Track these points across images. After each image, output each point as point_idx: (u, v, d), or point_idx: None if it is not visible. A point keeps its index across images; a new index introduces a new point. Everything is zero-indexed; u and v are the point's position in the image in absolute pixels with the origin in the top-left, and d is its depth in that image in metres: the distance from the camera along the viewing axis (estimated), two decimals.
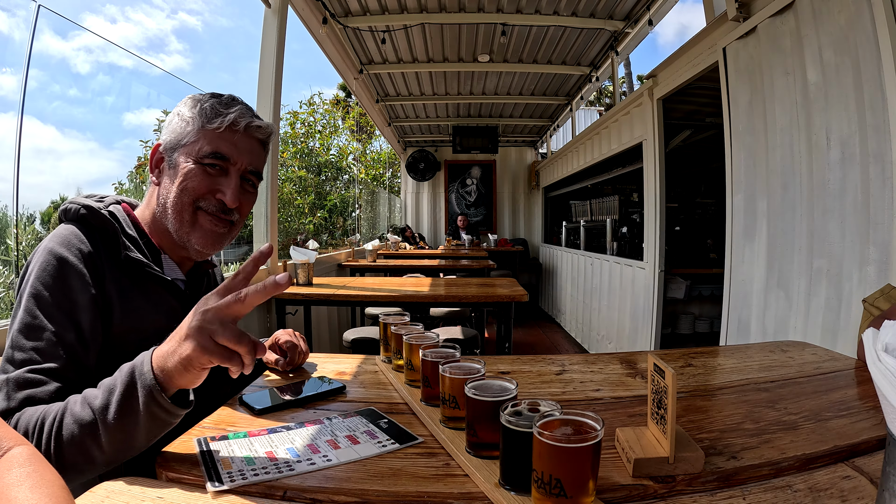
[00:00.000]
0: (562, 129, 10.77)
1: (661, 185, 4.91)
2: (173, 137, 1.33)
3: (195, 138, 1.30)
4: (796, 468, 0.92)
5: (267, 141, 1.43)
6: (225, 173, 1.33)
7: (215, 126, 1.30)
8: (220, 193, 1.32)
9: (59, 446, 0.95)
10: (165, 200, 1.32)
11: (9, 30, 2.95)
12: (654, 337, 5.00)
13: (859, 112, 2.43)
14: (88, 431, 0.94)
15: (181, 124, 1.32)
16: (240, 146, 1.34)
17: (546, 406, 0.87)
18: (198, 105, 1.32)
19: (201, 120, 1.31)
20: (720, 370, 1.57)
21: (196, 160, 1.29)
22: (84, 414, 0.96)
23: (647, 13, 5.25)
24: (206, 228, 1.34)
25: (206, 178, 1.31)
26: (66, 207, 1.29)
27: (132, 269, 1.28)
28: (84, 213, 1.27)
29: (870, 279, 2.38)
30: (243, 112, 1.34)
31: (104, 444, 0.94)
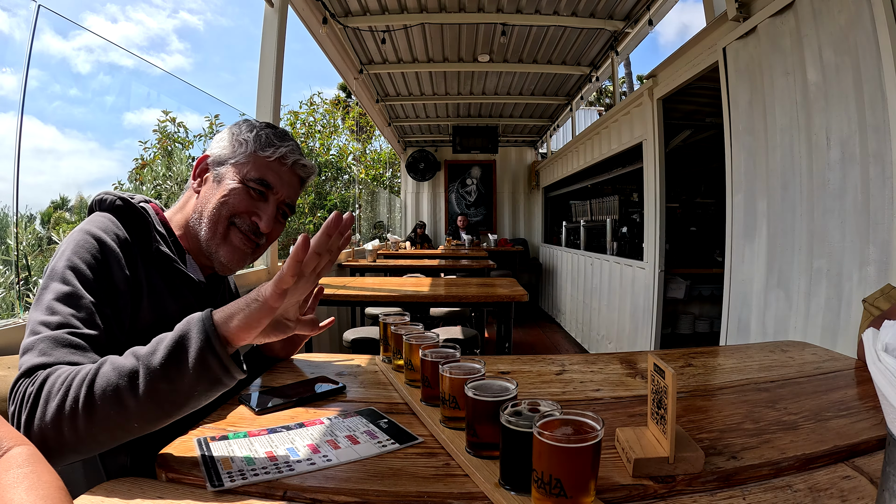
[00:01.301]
0: (562, 129, 10.77)
1: (661, 185, 4.91)
2: (224, 153, 1.41)
3: (245, 160, 1.39)
4: (796, 468, 0.92)
5: (307, 180, 1.52)
6: (264, 199, 1.41)
7: (267, 154, 1.40)
8: (256, 217, 1.40)
9: (90, 394, 0.90)
10: (203, 209, 1.39)
11: (9, 29, 2.95)
12: (654, 337, 5.00)
13: (859, 112, 2.43)
14: (127, 379, 0.90)
15: (235, 143, 1.41)
16: (284, 179, 1.43)
17: (546, 406, 0.87)
18: (254, 131, 1.42)
19: (255, 145, 1.40)
20: (720, 370, 1.57)
21: (242, 180, 1.38)
22: (126, 362, 0.93)
23: (647, 13, 5.25)
24: (235, 245, 1.41)
25: (246, 199, 1.38)
26: (102, 198, 1.32)
27: (161, 263, 1.31)
28: (119, 205, 1.31)
29: (870, 279, 2.38)
30: (293, 149, 1.44)
31: (142, 394, 0.90)
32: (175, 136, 6.92)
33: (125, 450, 1.14)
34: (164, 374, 0.91)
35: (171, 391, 0.92)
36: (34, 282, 2.89)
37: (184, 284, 1.36)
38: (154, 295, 1.27)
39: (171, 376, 0.91)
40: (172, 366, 0.91)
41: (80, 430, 0.90)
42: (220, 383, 0.95)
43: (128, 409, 0.90)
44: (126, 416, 0.91)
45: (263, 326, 0.97)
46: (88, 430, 0.90)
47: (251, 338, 0.97)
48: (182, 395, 0.93)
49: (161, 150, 6.32)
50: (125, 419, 0.91)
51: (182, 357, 0.91)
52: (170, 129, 6.93)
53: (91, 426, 0.90)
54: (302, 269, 0.96)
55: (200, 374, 0.92)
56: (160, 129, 6.87)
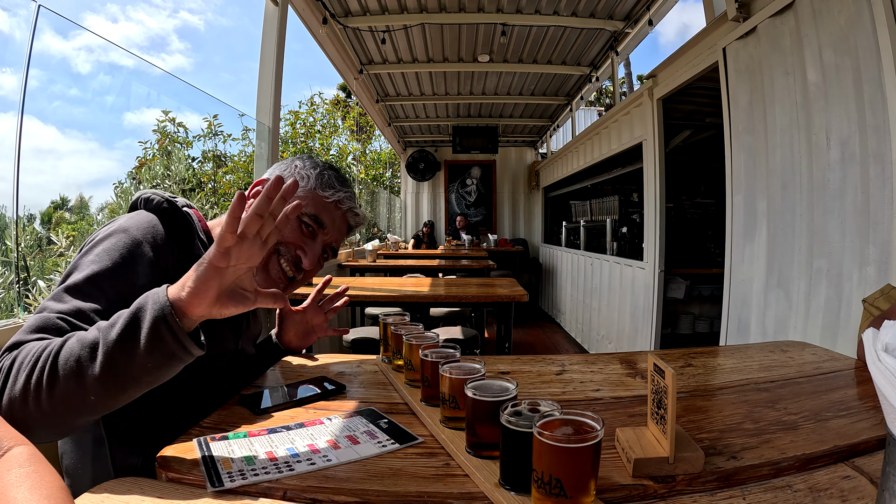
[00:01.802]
0: (562, 129, 10.77)
1: (661, 185, 4.92)
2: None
3: (304, 195, 1.42)
4: (796, 468, 0.92)
5: (354, 228, 1.57)
6: (313, 237, 1.45)
7: (326, 195, 1.44)
8: (302, 251, 1.43)
9: (54, 365, 0.90)
10: None
11: (9, 29, 2.95)
12: (654, 337, 5.00)
13: (859, 112, 2.44)
14: (88, 350, 0.91)
15: (297, 177, 1.41)
16: (336, 222, 1.48)
17: (546, 406, 0.87)
18: (318, 169, 1.47)
19: (316, 183, 1.44)
20: (720, 370, 1.57)
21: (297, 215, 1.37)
22: (89, 334, 0.93)
23: (647, 13, 5.25)
24: (271, 275, 1.42)
25: (296, 232, 1.42)
26: (149, 197, 1.33)
27: None
28: (166, 207, 1.32)
29: (870, 279, 2.38)
30: (350, 196, 1.50)
31: (99, 366, 0.90)
32: (175, 136, 6.91)
33: (139, 449, 1.16)
34: (120, 347, 0.90)
35: (128, 363, 0.91)
36: (33, 282, 2.90)
37: None
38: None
39: (126, 348, 0.91)
40: (128, 338, 0.91)
41: (42, 402, 0.90)
42: (174, 357, 0.94)
43: (86, 381, 0.90)
44: (84, 389, 0.90)
45: (214, 291, 0.95)
46: (50, 402, 0.90)
47: (206, 306, 0.95)
48: (137, 368, 0.92)
49: (161, 150, 6.32)
50: (84, 392, 0.91)
51: (136, 329, 0.91)
52: (169, 129, 6.93)
53: (52, 398, 0.90)
54: (244, 231, 0.93)
55: (154, 345, 0.91)
56: (160, 129, 6.87)
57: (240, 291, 1.00)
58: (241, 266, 0.97)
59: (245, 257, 0.96)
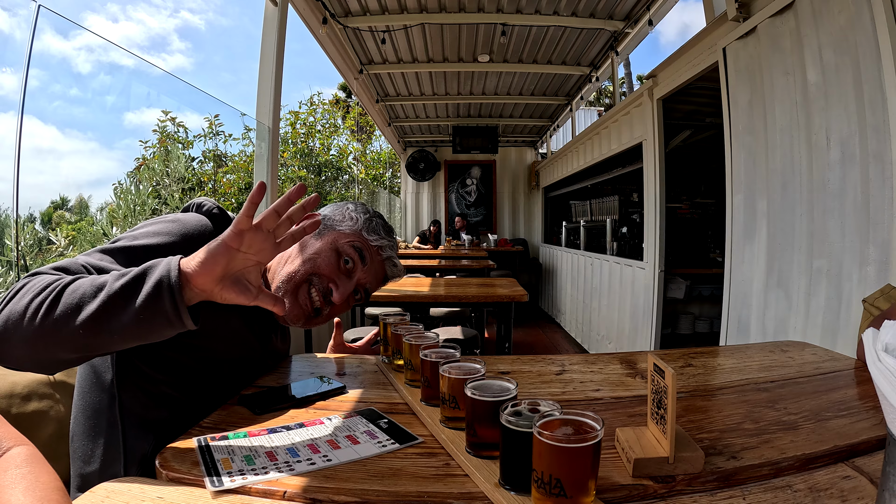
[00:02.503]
0: (562, 129, 10.77)
1: (661, 185, 4.92)
2: (335, 219, 1.52)
3: (349, 232, 1.49)
4: (796, 468, 0.92)
5: (390, 279, 1.61)
6: (349, 275, 1.46)
7: (371, 239, 1.51)
8: (334, 284, 1.43)
9: (60, 293, 0.96)
10: (290, 256, 1.45)
11: (10, 29, 2.95)
12: (654, 337, 5.00)
13: (859, 112, 2.44)
14: (93, 290, 0.96)
15: (346, 216, 1.52)
16: (374, 266, 1.52)
17: (546, 406, 0.87)
18: (367, 214, 1.55)
19: (364, 226, 1.51)
20: (720, 370, 1.57)
21: (338, 248, 1.45)
22: (100, 278, 0.99)
23: (647, 13, 5.25)
24: (300, 303, 1.41)
25: (332, 265, 1.43)
26: (201, 202, 1.42)
27: None
28: (216, 213, 1.40)
29: (870, 279, 2.38)
30: (392, 246, 1.56)
31: (98, 303, 0.94)
32: (175, 136, 6.91)
33: (151, 436, 1.19)
34: (121, 293, 0.95)
35: (123, 309, 0.95)
36: None
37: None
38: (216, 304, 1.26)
39: (126, 296, 0.95)
40: (130, 287, 0.96)
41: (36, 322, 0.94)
42: (166, 318, 0.97)
43: (81, 314, 0.94)
44: (77, 322, 0.94)
45: (221, 268, 0.99)
46: (42, 325, 0.94)
47: (210, 280, 0.99)
48: (129, 316, 0.95)
49: (161, 150, 6.32)
50: (76, 324, 0.94)
51: (141, 282, 0.97)
52: (169, 128, 6.93)
53: (45, 320, 0.94)
54: (261, 223, 1.00)
55: (152, 299, 0.95)
56: (160, 129, 6.87)
57: (243, 281, 1.04)
58: (250, 256, 1.01)
59: (256, 248, 1.01)
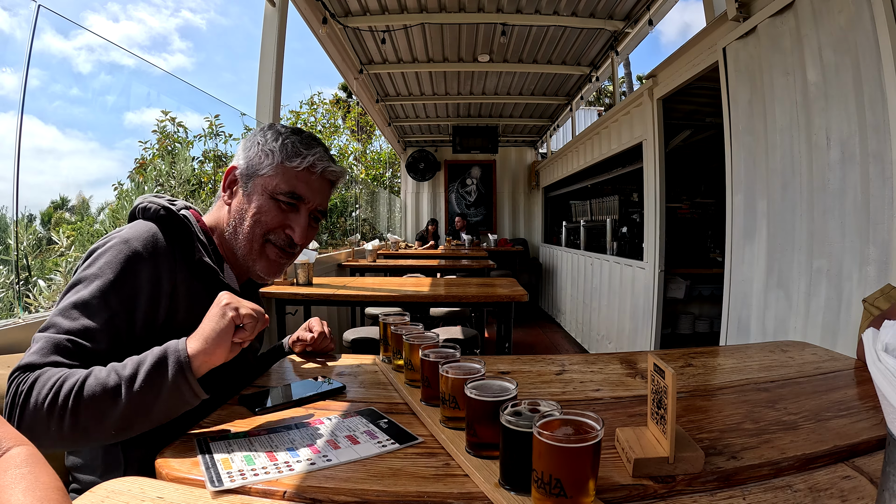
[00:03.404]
0: (562, 129, 10.77)
1: (661, 185, 4.91)
2: (251, 164, 1.40)
3: (273, 173, 1.37)
4: (796, 468, 0.92)
5: (337, 182, 1.51)
6: (296, 210, 1.41)
7: (294, 165, 1.37)
8: (290, 230, 1.41)
9: (77, 403, 0.98)
10: (237, 226, 1.41)
11: (10, 29, 2.95)
12: (654, 337, 5.00)
13: (859, 112, 2.43)
14: (111, 395, 0.99)
15: (261, 155, 1.39)
16: (314, 187, 1.42)
17: (546, 406, 0.87)
18: (279, 139, 1.39)
19: (282, 156, 1.37)
20: (720, 370, 1.57)
21: (272, 195, 1.37)
22: (109, 379, 1.01)
23: (647, 13, 5.25)
24: (272, 259, 1.43)
25: (279, 214, 1.39)
26: (146, 206, 1.33)
27: (201, 272, 1.33)
28: (163, 214, 1.32)
29: (870, 279, 2.38)
30: (322, 156, 1.42)
31: (122, 409, 0.99)
32: (175, 136, 6.91)
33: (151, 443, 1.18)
34: (141, 398, 1.01)
35: (148, 409, 1.03)
36: (34, 282, 2.89)
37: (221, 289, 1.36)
38: (191, 303, 1.28)
39: (147, 398, 1.02)
40: (150, 388, 1.02)
41: (65, 430, 0.99)
42: (187, 404, 1.07)
43: (108, 422, 1.00)
44: (105, 427, 1.01)
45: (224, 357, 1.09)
46: (72, 432, 1.00)
47: (219, 361, 1.09)
48: (155, 413, 1.04)
49: (161, 150, 6.31)
50: (104, 429, 1.01)
51: (159, 380, 1.03)
52: (169, 128, 6.92)
53: (74, 431, 0.99)
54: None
55: (173, 395, 1.04)
56: (160, 129, 6.86)
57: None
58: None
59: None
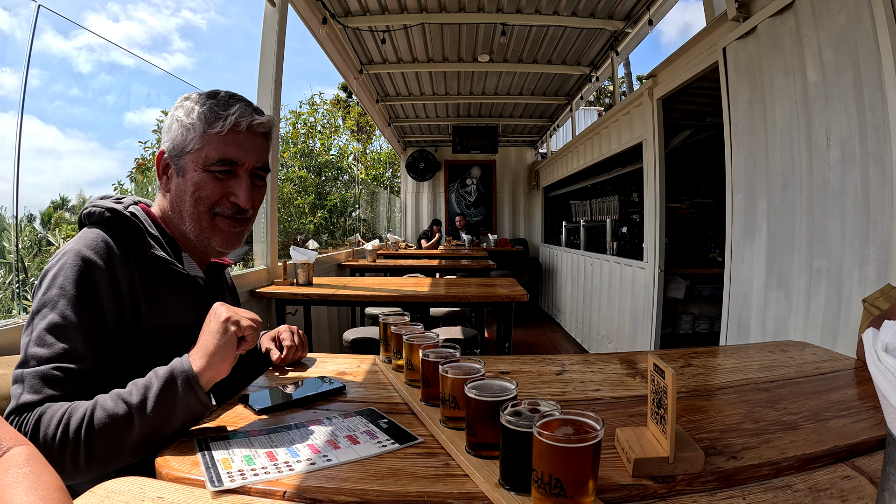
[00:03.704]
0: (562, 129, 10.76)
1: (661, 185, 4.91)
2: (176, 144, 1.32)
3: (199, 145, 1.30)
4: (796, 468, 0.92)
5: (270, 133, 1.43)
6: (235, 175, 1.34)
7: (217, 130, 1.29)
8: (234, 196, 1.35)
9: (90, 437, 0.98)
10: (181, 209, 1.35)
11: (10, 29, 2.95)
12: (654, 337, 5.00)
13: (859, 112, 2.43)
14: (123, 423, 1.00)
15: (182, 130, 1.31)
16: (245, 146, 1.34)
17: (546, 406, 0.87)
18: (195, 109, 1.31)
19: (202, 125, 1.29)
20: (720, 370, 1.57)
21: (204, 168, 1.31)
22: (118, 409, 1.01)
23: (647, 13, 5.24)
24: (225, 231, 1.38)
25: (217, 185, 1.33)
26: (90, 211, 1.29)
27: (158, 267, 1.30)
28: (108, 216, 1.27)
29: (870, 279, 2.38)
30: (243, 111, 1.32)
31: (137, 436, 1.00)
32: None
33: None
34: (155, 420, 1.02)
35: (163, 429, 1.04)
36: (31, 283, 2.89)
37: (183, 283, 1.37)
38: (153, 301, 1.26)
39: (162, 420, 1.03)
40: (163, 411, 1.03)
41: (80, 464, 1.00)
42: (201, 417, 1.11)
43: (124, 448, 1.01)
44: (122, 454, 1.02)
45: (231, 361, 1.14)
46: (88, 467, 1.00)
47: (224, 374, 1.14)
48: (174, 430, 1.06)
49: None
50: (121, 456, 1.02)
51: (171, 402, 1.04)
52: None
53: (91, 462, 1.00)
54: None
55: (186, 414, 1.06)
56: (159, 129, 6.86)
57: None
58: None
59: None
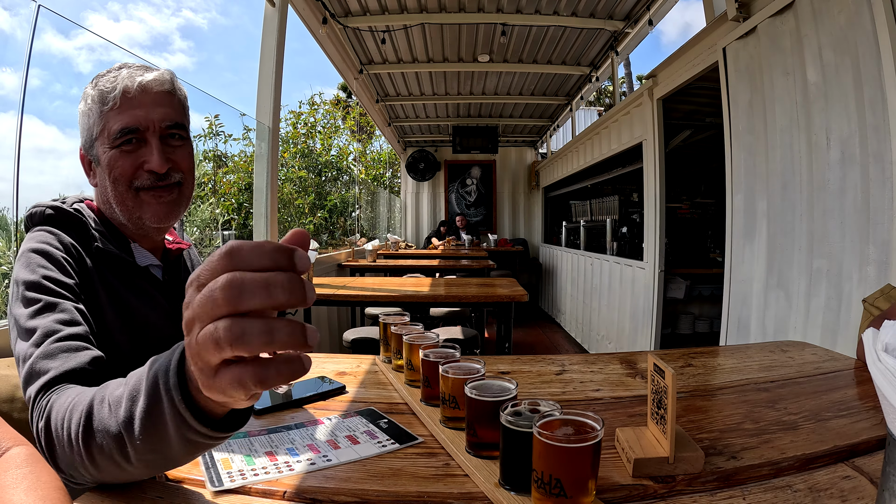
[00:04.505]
0: (562, 129, 10.77)
1: (661, 185, 4.91)
2: (85, 136, 1.27)
3: (101, 126, 1.22)
4: (796, 468, 0.92)
5: (173, 89, 1.30)
6: (143, 143, 1.23)
7: (111, 104, 1.20)
8: (145, 163, 1.23)
9: (90, 454, 0.78)
10: (107, 197, 1.27)
11: (10, 29, 2.96)
12: (654, 337, 5.00)
13: (859, 112, 2.43)
14: (116, 446, 0.75)
15: (84, 119, 1.25)
16: (143, 108, 1.22)
17: (546, 406, 0.87)
18: (89, 93, 1.24)
19: (98, 107, 1.22)
20: (720, 370, 1.57)
21: (111, 146, 1.22)
22: (110, 423, 0.75)
23: (647, 13, 5.25)
24: (152, 203, 1.26)
25: (127, 158, 1.22)
26: (31, 213, 1.24)
27: (108, 260, 1.24)
28: (51, 213, 1.23)
29: (869, 279, 2.38)
30: (129, 74, 1.23)
31: (134, 462, 0.75)
32: None
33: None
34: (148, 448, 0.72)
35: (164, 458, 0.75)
36: None
37: (137, 276, 1.29)
38: (112, 294, 1.21)
39: (157, 449, 0.72)
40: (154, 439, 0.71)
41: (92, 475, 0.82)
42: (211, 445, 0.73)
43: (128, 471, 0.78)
44: (129, 474, 0.80)
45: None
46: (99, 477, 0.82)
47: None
48: (179, 458, 0.76)
49: None
50: (130, 476, 0.81)
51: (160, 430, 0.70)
52: None
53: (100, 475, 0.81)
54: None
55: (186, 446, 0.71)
56: None
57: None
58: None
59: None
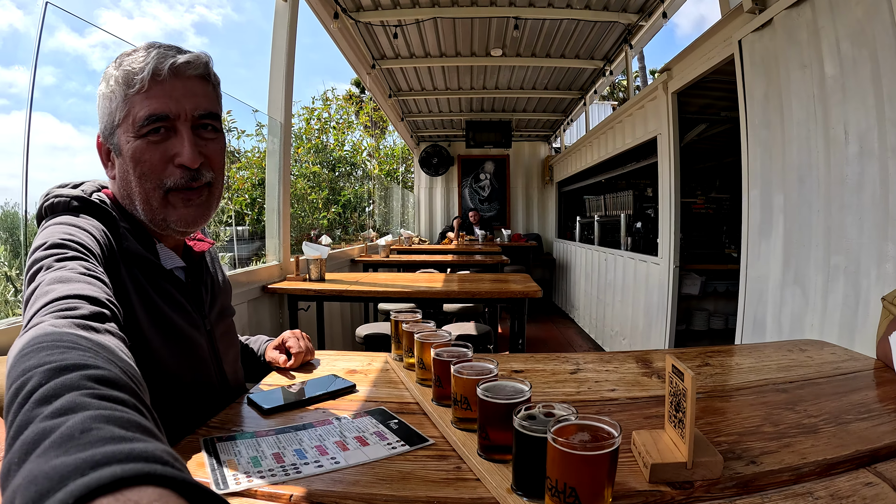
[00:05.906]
0: (575, 123, 10.70)
1: (676, 179, 4.87)
2: (106, 122, 1.15)
3: (125, 111, 1.11)
4: (817, 474, 0.90)
5: (207, 74, 1.20)
6: (173, 132, 1.13)
7: (138, 87, 1.09)
8: (177, 157, 1.12)
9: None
10: (129, 192, 1.17)
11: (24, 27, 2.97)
12: (668, 333, 4.96)
13: (878, 105, 2.39)
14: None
15: (105, 103, 1.14)
16: (175, 94, 1.12)
17: (561, 410, 0.85)
18: (112, 75, 1.12)
19: (122, 89, 1.10)
20: (738, 370, 1.54)
21: (136, 135, 1.11)
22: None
23: (661, 5, 5.18)
24: (180, 207, 1.17)
25: (156, 149, 1.12)
26: (53, 203, 1.13)
27: (136, 261, 1.15)
28: (77, 206, 1.12)
29: (888, 276, 2.34)
30: (161, 55, 1.11)
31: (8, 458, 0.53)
32: None
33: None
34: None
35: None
36: None
37: (162, 278, 1.21)
38: (141, 294, 1.13)
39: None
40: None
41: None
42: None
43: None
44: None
45: None
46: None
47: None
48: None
49: None
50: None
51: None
52: None
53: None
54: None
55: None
56: None
57: None
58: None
59: None
